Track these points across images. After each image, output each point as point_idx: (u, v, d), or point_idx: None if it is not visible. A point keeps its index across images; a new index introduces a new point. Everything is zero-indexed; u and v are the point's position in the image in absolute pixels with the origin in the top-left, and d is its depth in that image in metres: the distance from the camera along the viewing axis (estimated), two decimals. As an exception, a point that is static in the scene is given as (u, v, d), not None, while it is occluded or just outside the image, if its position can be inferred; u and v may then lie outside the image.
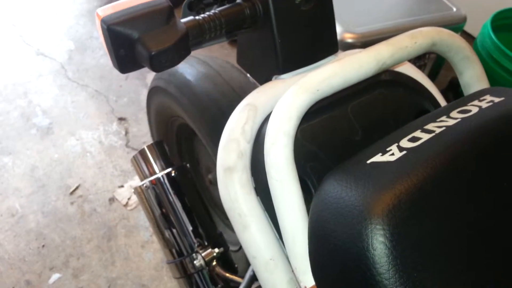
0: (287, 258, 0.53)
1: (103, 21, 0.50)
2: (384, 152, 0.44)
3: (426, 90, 0.63)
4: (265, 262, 0.52)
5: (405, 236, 0.37)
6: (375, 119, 0.59)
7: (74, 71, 2.09)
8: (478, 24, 1.62)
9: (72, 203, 1.57)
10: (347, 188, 0.41)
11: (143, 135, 1.80)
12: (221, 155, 0.55)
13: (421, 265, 0.37)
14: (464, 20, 1.41)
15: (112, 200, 1.58)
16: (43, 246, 1.47)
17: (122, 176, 1.65)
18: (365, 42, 1.27)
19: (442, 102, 0.64)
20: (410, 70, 0.62)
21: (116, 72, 2.14)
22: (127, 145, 1.77)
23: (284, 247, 0.53)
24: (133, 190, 1.38)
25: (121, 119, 1.87)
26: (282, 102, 0.48)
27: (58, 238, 1.48)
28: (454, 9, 1.43)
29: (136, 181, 1.60)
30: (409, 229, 0.38)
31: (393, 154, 0.43)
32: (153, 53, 0.50)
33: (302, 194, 0.47)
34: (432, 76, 1.56)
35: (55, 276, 1.39)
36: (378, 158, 0.44)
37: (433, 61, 1.49)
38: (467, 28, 1.50)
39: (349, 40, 1.28)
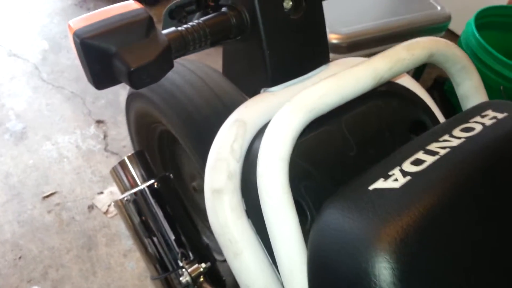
0: (282, 285, 0.50)
1: (76, 35, 0.45)
2: (386, 177, 0.41)
3: (421, 101, 0.61)
4: None
5: (415, 274, 0.34)
6: (370, 133, 0.56)
7: (48, 72, 2.00)
8: (462, 22, 1.61)
9: (49, 212, 1.51)
10: (349, 219, 0.38)
11: (123, 139, 1.74)
12: (209, 176, 0.51)
13: None
14: (448, 19, 1.40)
15: (91, 207, 1.52)
16: (20, 257, 1.40)
17: (101, 182, 1.59)
18: (350, 43, 1.25)
19: (437, 112, 0.62)
20: (405, 80, 0.60)
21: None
22: (106, 149, 1.71)
23: (279, 274, 0.50)
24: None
25: (99, 122, 1.81)
26: (275, 123, 0.44)
27: (35, 248, 1.42)
28: (439, 8, 1.42)
29: (116, 188, 1.55)
30: (419, 266, 0.35)
31: (396, 179, 0.40)
32: (132, 69, 0.46)
33: (298, 219, 0.44)
34: (417, 75, 1.55)
35: (33, 290, 1.33)
36: (380, 184, 0.41)
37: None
38: (451, 26, 1.49)
39: (334, 41, 1.25)
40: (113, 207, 1.51)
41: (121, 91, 1.91)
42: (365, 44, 1.26)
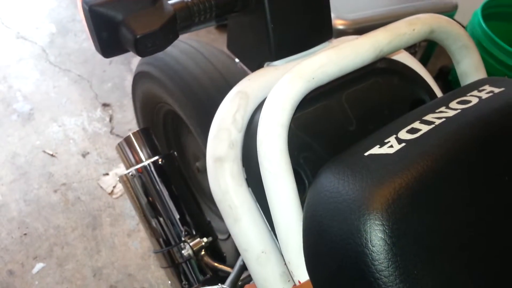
0: (280, 251, 0.52)
1: (85, 2, 0.47)
2: (382, 144, 0.42)
3: (422, 79, 0.61)
4: (257, 255, 0.51)
5: (405, 232, 0.36)
6: (370, 109, 0.57)
7: (56, 55, 2.02)
8: (468, 12, 1.61)
9: (55, 191, 1.53)
10: (344, 181, 0.40)
11: (128, 122, 1.76)
12: (211, 145, 0.52)
13: (421, 263, 0.35)
14: (455, 8, 1.40)
15: (96, 188, 1.55)
16: (26, 235, 1.43)
17: (106, 163, 1.62)
18: (356, 29, 1.25)
19: (438, 91, 0.63)
20: (405, 58, 0.61)
21: (99, 56, 2.07)
22: (111, 132, 1.73)
23: (277, 240, 0.52)
24: (118, 179, 1.35)
25: (105, 105, 1.83)
26: (276, 91, 0.46)
27: (41, 226, 1.45)
28: (445, -4, 1.42)
29: (122, 169, 1.57)
30: (409, 225, 0.36)
31: (391, 146, 0.42)
32: (138, 36, 0.47)
33: (296, 186, 0.45)
34: (422, 64, 1.55)
35: (39, 266, 1.36)
36: (376, 150, 0.42)
37: (423, 49, 1.47)
38: (457, 16, 1.49)
39: (341, 27, 1.26)
40: (118, 188, 1.53)
41: (127, 75, 1.93)
42: (371, 31, 1.26)
